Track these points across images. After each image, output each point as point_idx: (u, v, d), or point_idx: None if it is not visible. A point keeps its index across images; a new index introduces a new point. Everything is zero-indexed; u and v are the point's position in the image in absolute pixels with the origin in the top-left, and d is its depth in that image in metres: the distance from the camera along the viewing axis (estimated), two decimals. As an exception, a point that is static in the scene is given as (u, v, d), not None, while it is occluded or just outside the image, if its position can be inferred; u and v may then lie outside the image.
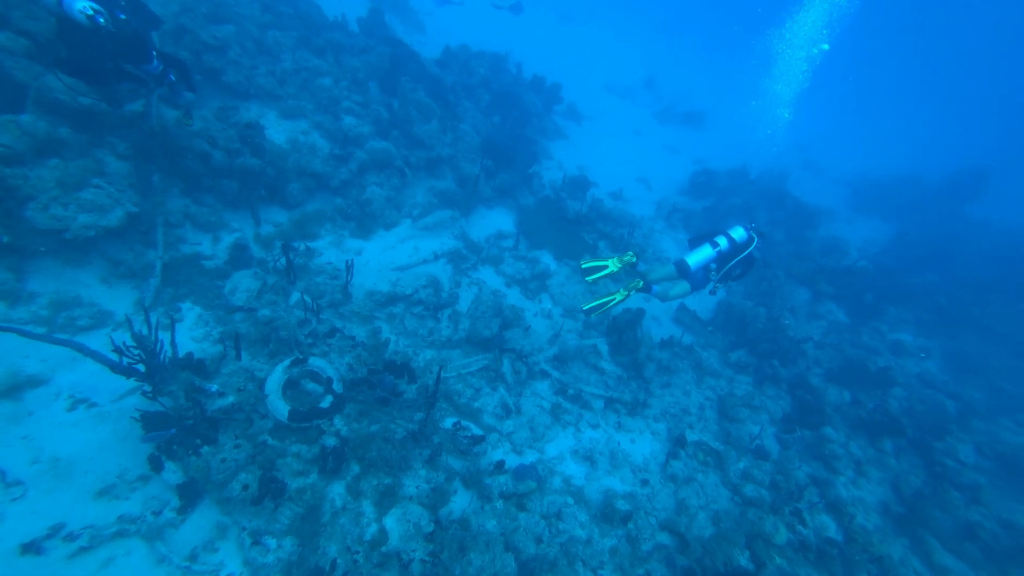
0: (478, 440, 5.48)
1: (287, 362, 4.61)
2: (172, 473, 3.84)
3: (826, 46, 19.11)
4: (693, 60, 27.86)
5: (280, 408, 4.26)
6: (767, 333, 8.66)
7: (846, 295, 10.69)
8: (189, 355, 4.34)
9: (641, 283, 6.16)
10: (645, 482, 6.15)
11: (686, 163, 14.80)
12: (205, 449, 3.79)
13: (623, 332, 7.69)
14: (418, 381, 5.56)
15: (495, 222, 9.33)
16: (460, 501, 4.98)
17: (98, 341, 4.44)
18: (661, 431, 6.94)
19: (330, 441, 4.40)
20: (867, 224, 16.74)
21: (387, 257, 7.40)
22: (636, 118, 18.04)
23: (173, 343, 4.14)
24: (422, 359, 6.16)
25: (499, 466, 5.32)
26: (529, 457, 5.87)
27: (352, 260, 6.08)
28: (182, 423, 3.79)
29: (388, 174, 7.53)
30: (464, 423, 5.66)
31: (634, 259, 6.36)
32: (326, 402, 4.55)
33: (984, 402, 9.52)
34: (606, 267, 6.31)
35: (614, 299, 6.16)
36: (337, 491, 4.33)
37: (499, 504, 5.01)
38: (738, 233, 6.19)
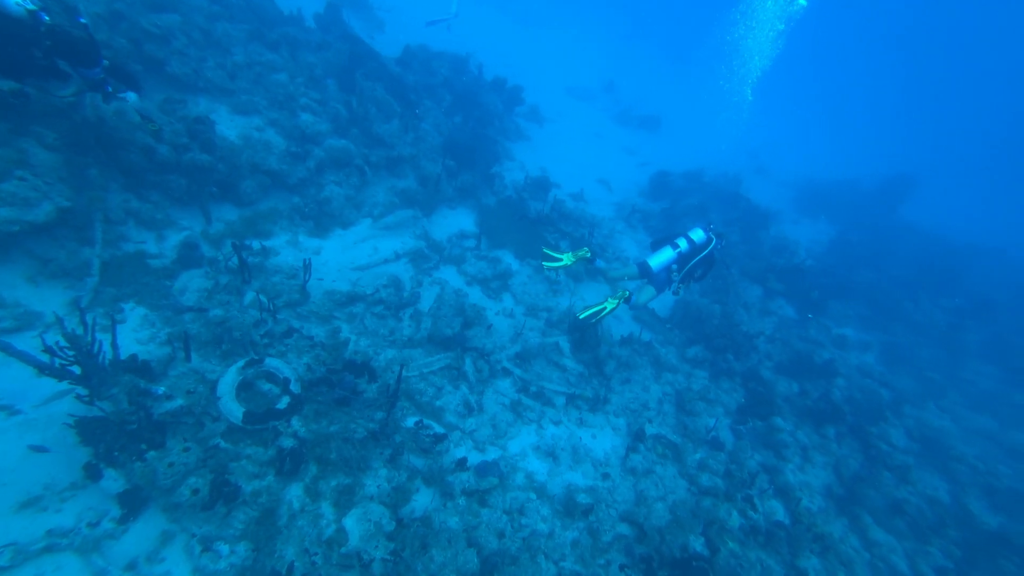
0: (440, 438, 5.46)
1: (241, 363, 4.46)
2: (113, 481, 3.63)
3: (803, 2, 18.80)
4: (650, 65, 28.79)
5: (234, 410, 4.11)
6: (722, 329, 9.01)
7: (794, 292, 11.25)
8: (133, 357, 4.13)
9: (629, 294, 6.51)
10: (606, 476, 6.28)
11: (644, 165, 15.21)
12: (151, 454, 3.61)
13: (585, 330, 7.83)
14: (379, 380, 5.49)
15: (457, 222, 9.32)
16: (422, 499, 4.94)
17: (25, 344, 4.15)
18: (621, 426, 7.10)
19: (287, 442, 4.28)
20: (812, 225, 17.68)
21: (347, 256, 7.26)
22: (596, 121, 18.45)
23: (114, 344, 3.92)
24: (383, 358, 6.08)
25: (461, 463, 5.32)
26: (492, 454, 5.89)
27: (310, 259, 5.94)
28: (124, 428, 3.59)
29: (347, 173, 7.39)
30: (426, 422, 5.63)
31: (588, 254, 6.66)
32: (283, 403, 4.43)
33: (914, 390, 10.24)
34: (561, 260, 6.60)
35: (605, 308, 6.47)
36: (295, 493, 4.22)
37: (461, 501, 5.01)
38: (697, 235, 6.47)
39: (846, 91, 48.21)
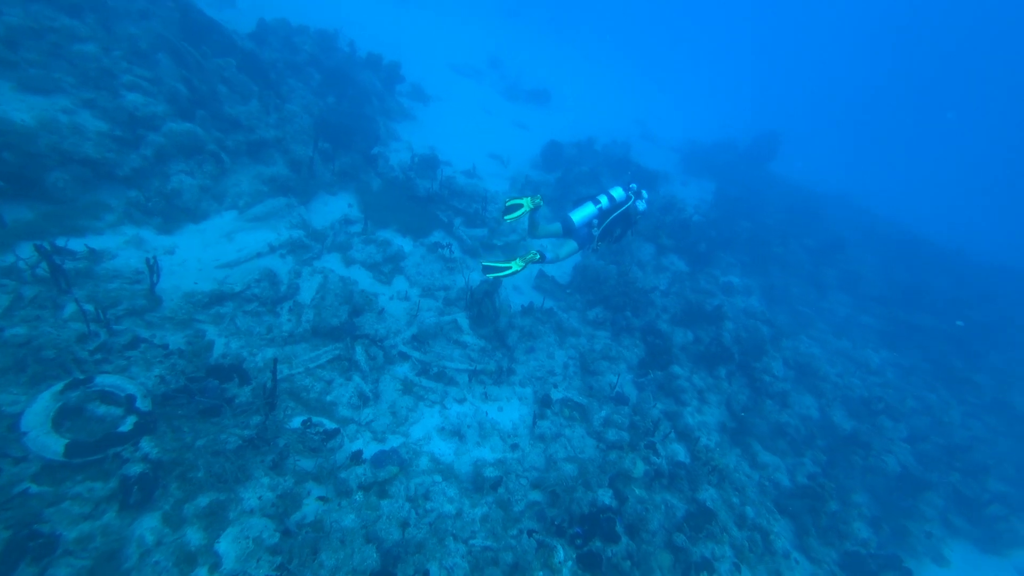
0: (332, 434, 5.08)
1: (59, 387, 3.75)
2: None
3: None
4: (534, 40, 28.93)
5: (50, 444, 3.45)
6: (619, 288, 9.30)
7: (684, 246, 11.92)
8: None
9: (539, 255, 6.34)
10: (515, 446, 6.24)
11: (536, 138, 15.28)
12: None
13: (482, 303, 7.70)
14: (253, 382, 4.97)
15: (339, 207, 8.72)
16: (315, 502, 4.58)
17: None
18: (528, 395, 7.10)
19: (135, 469, 3.69)
20: (698, 184, 18.87)
21: (210, 253, 6.48)
22: (484, 97, 18.22)
23: None
24: (260, 359, 5.52)
25: (356, 457, 4.99)
26: (393, 443, 5.62)
27: (154, 259, 5.17)
28: None
29: (199, 160, 6.52)
30: (315, 419, 5.22)
31: (540, 201, 6.40)
32: (127, 424, 3.81)
33: (789, 324, 11.36)
34: (521, 207, 6.31)
35: (511, 268, 6.22)
36: (148, 525, 3.67)
37: (358, 496, 4.70)
38: (617, 192, 6.62)
39: (719, 59, 52.12)
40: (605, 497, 5.73)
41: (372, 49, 12.72)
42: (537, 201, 6.51)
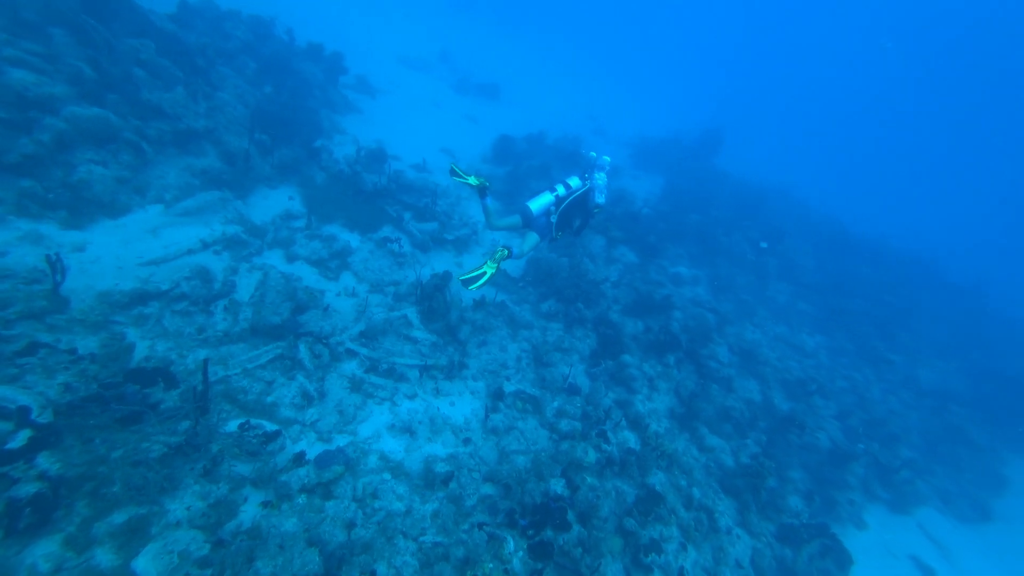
0: (272, 436, 4.86)
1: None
2: None
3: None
4: (484, 34, 28.69)
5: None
6: (571, 280, 9.39)
7: (634, 238, 12.19)
8: None
9: (507, 252, 6.29)
10: (467, 440, 6.19)
11: (487, 132, 15.18)
12: None
13: (432, 298, 7.59)
14: (181, 386, 4.67)
15: (280, 202, 8.34)
16: (253, 508, 4.36)
17: None
18: (480, 389, 7.05)
19: (27, 489, 3.35)
20: (649, 178, 19.35)
21: (132, 250, 6.01)
22: (434, 90, 17.93)
23: None
24: (191, 361, 5.19)
25: (298, 458, 4.79)
26: (340, 442, 5.43)
27: (58, 256, 4.73)
28: None
29: (114, 150, 6.01)
30: (254, 421, 4.97)
31: (487, 183, 6.35)
32: (19, 440, 3.46)
33: (734, 311, 11.86)
34: (465, 178, 6.26)
35: (486, 273, 6.11)
36: (44, 551, 3.33)
37: (301, 499, 4.52)
38: (574, 181, 6.70)
39: (670, 55, 53.76)
40: (557, 487, 5.79)
41: (313, 37, 12.18)
42: (483, 181, 6.47)
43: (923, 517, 9.19)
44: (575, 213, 6.86)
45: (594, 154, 6.96)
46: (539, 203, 6.61)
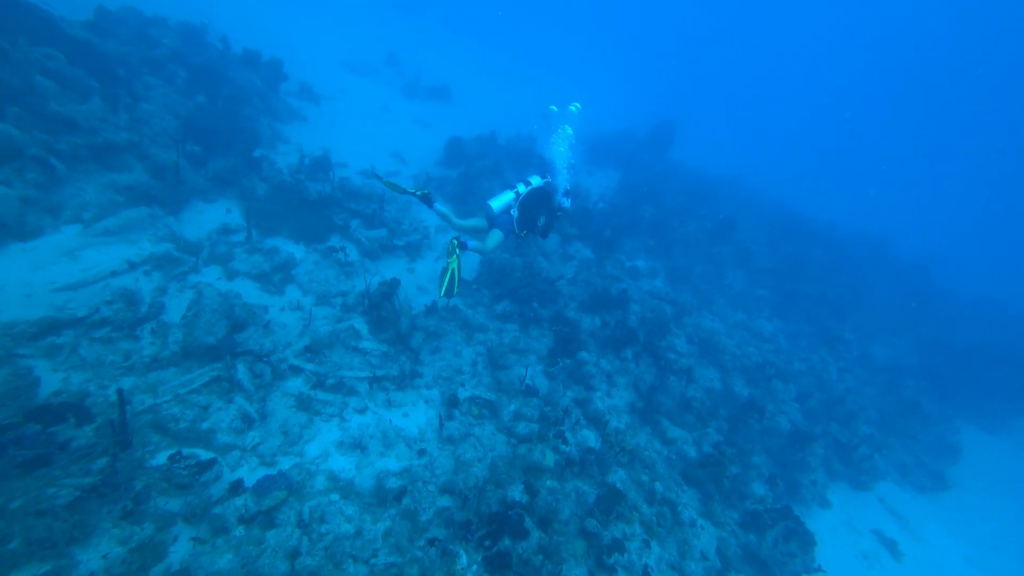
0: (206, 466, 4.55)
1: None
2: None
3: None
4: (431, 36, 28.38)
5: None
6: (525, 279, 9.28)
7: (589, 233, 12.18)
8: None
9: (457, 241, 6.48)
10: (422, 452, 5.99)
11: (439, 135, 14.96)
12: None
13: (380, 307, 7.36)
14: (97, 420, 4.32)
15: (218, 216, 7.95)
16: (184, 546, 4.06)
17: None
18: (435, 397, 6.86)
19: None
20: (604, 173, 19.45)
21: (43, 275, 5.58)
22: (382, 95, 17.59)
23: None
24: (114, 391, 4.83)
25: (235, 487, 4.50)
26: (285, 464, 5.17)
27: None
28: None
29: (18, 167, 5.57)
30: (187, 451, 4.65)
31: (427, 191, 6.86)
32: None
33: (692, 302, 11.98)
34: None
35: (452, 269, 6.37)
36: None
37: (239, 531, 4.24)
38: (535, 180, 6.93)
39: (622, 50, 54.62)
40: (515, 493, 5.65)
41: (249, 45, 11.71)
42: (420, 188, 6.84)
43: (883, 491, 9.47)
44: (538, 209, 6.95)
45: (555, 108, 7.16)
46: (501, 201, 6.81)
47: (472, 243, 6.90)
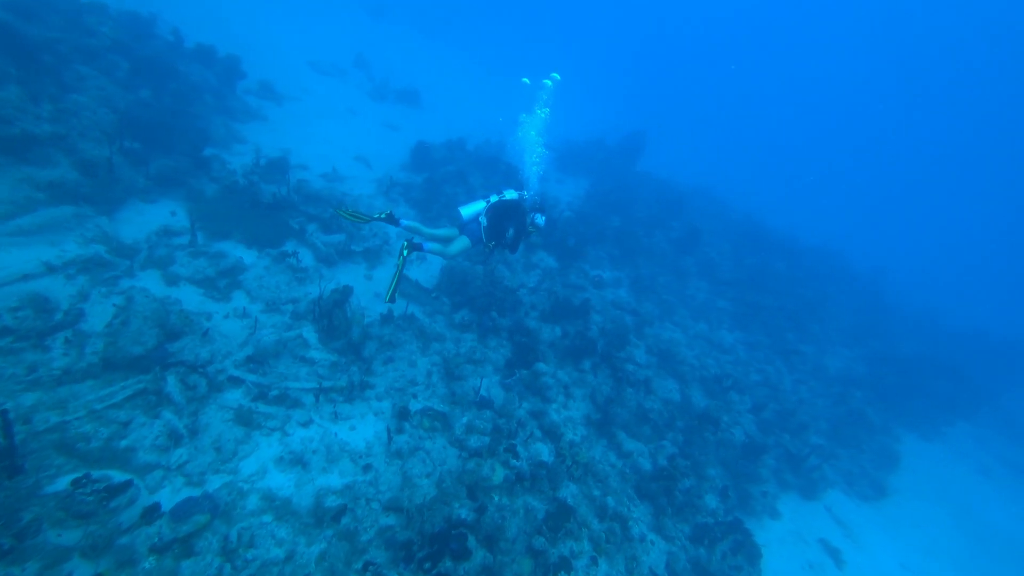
0: (118, 489, 4.21)
1: None
2: None
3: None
4: (404, 39, 28.04)
5: None
6: (484, 288, 9.14)
7: (553, 242, 12.14)
8: None
9: (405, 244, 6.63)
10: (368, 467, 5.77)
11: (407, 139, 14.73)
12: None
13: (331, 315, 7.10)
14: (-4, 441, 3.94)
15: (160, 217, 7.53)
16: (85, 584, 3.72)
17: None
18: (386, 409, 6.64)
19: None
20: (574, 182, 19.55)
21: (-54, 278, 5.14)
22: (349, 97, 17.23)
23: None
24: (13, 409, 4.43)
25: (149, 513, 4.18)
26: (214, 484, 4.86)
27: None
28: None
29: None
30: (97, 474, 4.29)
31: (382, 215, 7.00)
32: None
33: (655, 312, 12.07)
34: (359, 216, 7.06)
35: (397, 267, 6.60)
36: None
37: (148, 563, 3.93)
38: (510, 193, 6.97)
39: (596, 58, 55.40)
40: (462, 510, 5.48)
41: (205, 41, 11.21)
42: (382, 213, 6.93)
43: (831, 500, 9.70)
44: (508, 220, 6.99)
45: (527, 80, 7.24)
46: (469, 209, 6.89)
47: (430, 245, 6.91)
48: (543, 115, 7.22)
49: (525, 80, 6.98)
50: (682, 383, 9.84)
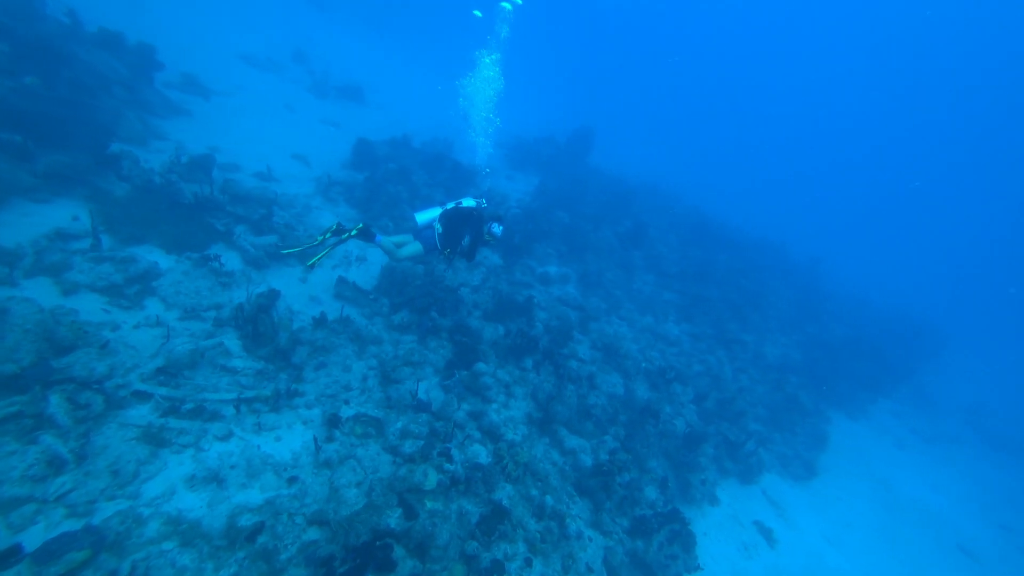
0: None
1: None
2: None
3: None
4: (346, 34, 27.16)
5: None
6: (425, 287, 8.92)
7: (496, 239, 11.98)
8: None
9: (361, 225, 6.55)
10: (293, 480, 5.48)
11: (350, 137, 14.22)
12: None
13: (256, 320, 6.72)
14: None
15: (51, 219, 6.89)
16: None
17: None
18: (316, 417, 6.34)
19: None
20: (524, 178, 19.49)
21: None
22: (287, 92, 16.50)
23: None
24: None
25: (8, 555, 3.72)
26: (107, 511, 4.45)
27: None
28: None
29: None
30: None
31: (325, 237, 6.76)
32: None
33: (601, 307, 12.16)
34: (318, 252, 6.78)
35: (337, 243, 6.53)
36: None
37: (10, 615, 3.53)
38: (468, 201, 6.93)
39: (546, 54, 55.66)
40: (391, 519, 5.30)
41: (110, 26, 10.34)
42: (332, 228, 6.71)
43: (767, 483, 10.07)
44: (463, 227, 6.94)
45: (479, 13, 7.17)
46: (424, 216, 6.84)
47: (382, 238, 6.74)
48: (492, 62, 7.25)
49: (477, 13, 6.83)
50: (626, 377, 9.94)
